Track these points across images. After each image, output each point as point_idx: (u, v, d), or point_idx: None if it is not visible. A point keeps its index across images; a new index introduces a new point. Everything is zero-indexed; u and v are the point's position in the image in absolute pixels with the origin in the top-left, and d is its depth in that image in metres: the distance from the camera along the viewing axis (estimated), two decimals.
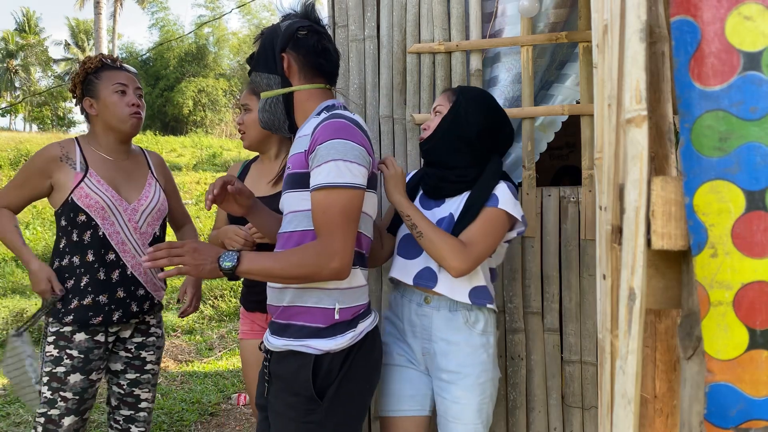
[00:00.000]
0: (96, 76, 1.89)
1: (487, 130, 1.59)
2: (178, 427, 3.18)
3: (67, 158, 1.85)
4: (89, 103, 1.89)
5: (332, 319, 1.35)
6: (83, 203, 1.81)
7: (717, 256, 0.64)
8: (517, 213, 1.55)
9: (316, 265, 1.27)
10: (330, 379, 1.33)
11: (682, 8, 0.65)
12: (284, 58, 1.42)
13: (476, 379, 1.56)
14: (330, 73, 1.48)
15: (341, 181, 1.27)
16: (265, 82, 1.46)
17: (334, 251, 1.27)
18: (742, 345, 0.64)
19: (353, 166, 1.29)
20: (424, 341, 1.61)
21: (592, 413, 1.96)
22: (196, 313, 5.58)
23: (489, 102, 1.63)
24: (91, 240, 1.82)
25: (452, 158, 1.61)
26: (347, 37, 2.12)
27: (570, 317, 1.97)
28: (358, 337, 1.37)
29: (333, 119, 1.32)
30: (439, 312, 1.59)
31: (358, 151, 1.31)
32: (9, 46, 33.86)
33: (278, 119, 1.47)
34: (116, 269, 1.85)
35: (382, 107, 2.07)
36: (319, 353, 1.33)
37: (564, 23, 2.01)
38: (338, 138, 1.29)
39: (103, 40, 16.75)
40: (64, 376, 1.78)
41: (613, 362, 0.72)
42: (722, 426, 0.64)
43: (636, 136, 0.65)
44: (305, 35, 1.43)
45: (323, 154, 1.29)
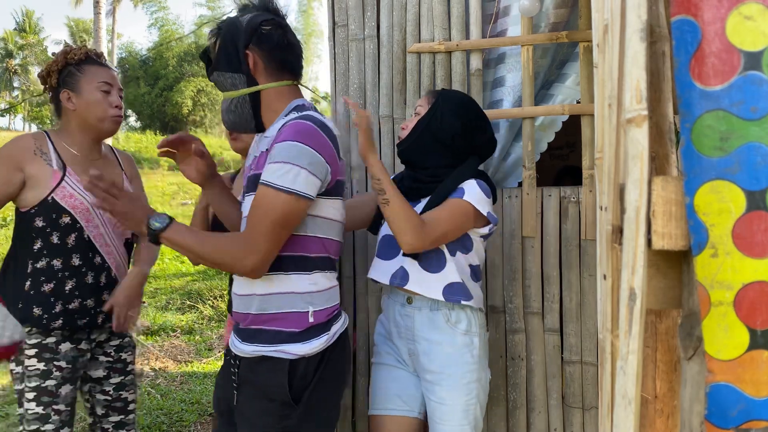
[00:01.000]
0: (78, 69, 1.78)
1: (462, 134, 1.59)
2: (178, 428, 3.17)
3: (41, 152, 1.73)
4: (67, 96, 1.78)
5: (307, 323, 1.32)
6: (67, 204, 1.71)
7: (717, 256, 0.64)
8: (483, 208, 1.54)
9: (233, 257, 1.24)
10: (305, 383, 1.31)
11: (683, 8, 0.65)
12: (249, 55, 1.35)
13: (460, 380, 1.55)
14: (296, 67, 1.41)
15: (285, 185, 1.23)
16: (230, 81, 1.38)
17: (253, 250, 1.24)
18: (742, 345, 0.64)
19: (303, 173, 1.24)
20: (408, 342, 1.61)
21: (592, 414, 1.96)
22: (196, 313, 5.59)
23: (468, 107, 1.63)
24: (76, 243, 1.73)
25: (426, 159, 1.62)
26: (347, 37, 2.11)
27: (570, 317, 1.97)
28: (331, 340, 1.35)
29: (300, 120, 1.28)
30: (421, 312, 1.58)
31: (314, 159, 1.26)
32: (8, 46, 33.85)
33: (245, 120, 1.41)
34: (103, 272, 1.79)
35: (382, 107, 2.07)
36: (294, 358, 1.31)
37: (565, 23, 2.01)
38: (297, 141, 1.24)
39: (102, 39, 16.73)
40: (56, 389, 1.70)
41: (613, 362, 0.72)
42: (723, 426, 0.64)
43: (636, 136, 0.65)
44: (269, 30, 1.35)
45: (277, 153, 1.25)
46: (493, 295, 2.02)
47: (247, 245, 1.24)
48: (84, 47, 1.85)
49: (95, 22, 16.70)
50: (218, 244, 1.27)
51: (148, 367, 4.19)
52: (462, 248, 1.59)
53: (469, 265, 1.62)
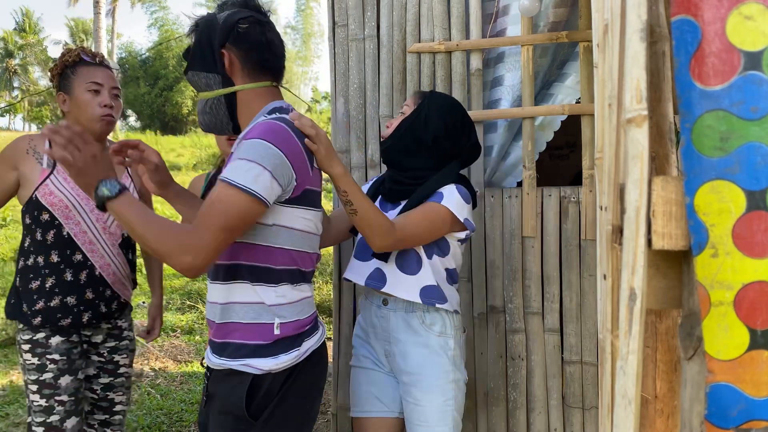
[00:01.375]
0: (72, 71, 1.80)
1: (445, 136, 1.58)
2: (178, 428, 3.17)
3: (34, 151, 1.76)
4: (62, 99, 1.81)
5: (272, 335, 1.24)
6: (47, 201, 1.73)
7: (718, 256, 0.64)
8: (461, 214, 1.52)
9: (171, 248, 1.12)
10: (268, 399, 1.24)
11: (683, 8, 0.65)
12: (224, 54, 1.28)
13: (435, 380, 1.55)
14: (276, 68, 1.33)
15: (241, 183, 1.14)
16: (204, 81, 1.32)
17: (194, 246, 1.12)
18: (742, 345, 0.64)
19: (264, 174, 1.15)
20: (384, 343, 1.62)
21: (592, 414, 1.96)
22: (196, 313, 5.59)
23: (454, 110, 1.61)
24: (55, 240, 1.76)
25: (408, 160, 1.61)
26: (347, 37, 2.11)
27: (570, 317, 1.97)
28: (302, 356, 1.28)
29: (272, 120, 1.21)
30: (396, 313, 1.59)
31: (277, 161, 1.17)
32: (8, 46, 33.86)
33: (221, 122, 1.35)
34: (84, 270, 1.78)
35: (382, 107, 2.07)
36: (259, 373, 1.23)
37: (564, 23, 2.01)
38: (263, 139, 1.16)
39: (102, 39, 16.74)
40: (54, 380, 1.73)
41: (613, 362, 0.72)
42: (723, 426, 0.64)
43: (636, 136, 0.65)
44: (247, 28, 1.28)
45: (243, 150, 1.17)
46: (493, 295, 2.02)
47: (189, 241, 1.13)
48: (78, 49, 1.85)
49: (95, 22, 16.71)
50: (162, 231, 1.14)
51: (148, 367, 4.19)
52: (438, 251, 1.58)
53: (446, 269, 1.61)
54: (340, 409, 2.09)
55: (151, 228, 1.14)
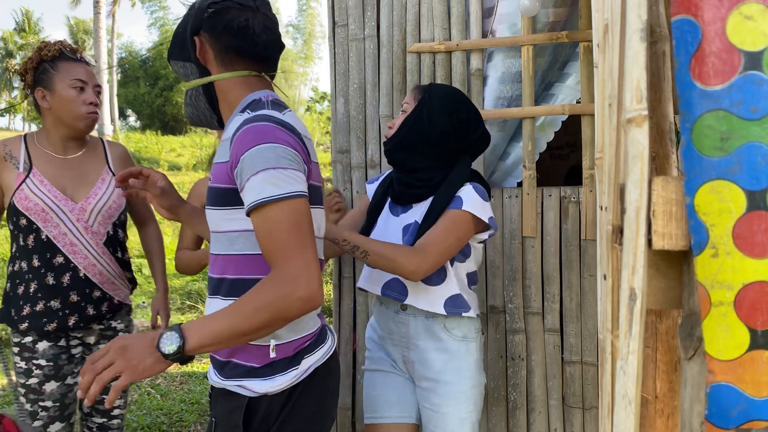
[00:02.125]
0: (52, 66, 1.75)
1: (452, 131, 1.50)
2: (178, 428, 3.17)
3: (10, 157, 1.74)
4: (42, 95, 1.75)
5: (267, 358, 1.14)
6: (22, 206, 1.71)
7: (718, 256, 0.64)
8: (484, 215, 1.48)
9: (278, 301, 0.99)
10: (268, 424, 1.14)
11: (683, 7, 0.65)
12: (196, 42, 1.19)
13: (456, 387, 1.50)
14: (257, 55, 1.21)
15: (278, 192, 1.03)
16: (182, 71, 1.24)
17: (295, 276, 1.00)
18: (743, 345, 0.64)
19: (288, 172, 1.05)
20: (403, 349, 1.56)
21: (592, 414, 1.96)
22: (196, 313, 5.58)
23: (457, 102, 1.52)
24: (35, 244, 1.73)
25: (415, 160, 1.53)
26: (347, 37, 2.11)
27: (570, 317, 1.97)
28: (302, 375, 1.16)
29: (253, 123, 1.08)
30: (416, 319, 1.53)
31: (289, 154, 1.06)
32: (8, 46, 33.86)
33: (203, 114, 1.27)
34: (66, 272, 1.75)
35: (382, 107, 2.07)
36: (254, 395, 1.13)
37: (564, 22, 2.01)
38: (263, 143, 1.05)
39: (102, 39, 16.74)
40: (39, 386, 1.73)
41: (613, 363, 0.72)
42: (723, 426, 0.64)
43: (637, 136, 0.65)
44: (216, 12, 1.17)
45: (250, 165, 1.04)
46: (493, 295, 2.02)
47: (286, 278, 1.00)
48: (58, 43, 1.80)
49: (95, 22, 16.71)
50: (252, 307, 1.00)
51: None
52: (460, 256, 1.53)
53: (467, 274, 1.56)
54: (341, 409, 2.09)
55: (240, 317, 1.00)
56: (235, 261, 1.15)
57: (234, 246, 1.14)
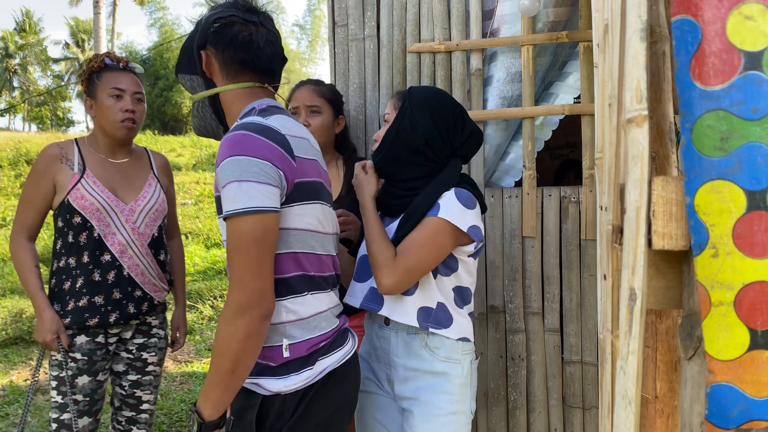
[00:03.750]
0: (97, 76, 1.87)
1: (437, 135, 1.40)
2: (178, 428, 3.17)
3: (66, 159, 1.85)
4: (89, 104, 1.89)
5: (281, 358, 1.16)
6: (78, 205, 1.80)
7: (718, 256, 0.64)
8: (463, 223, 1.35)
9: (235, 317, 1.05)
10: (281, 423, 1.16)
11: (683, 8, 0.65)
12: (202, 55, 1.25)
13: (436, 410, 1.38)
14: (260, 68, 1.26)
15: (241, 207, 1.07)
16: (189, 84, 1.30)
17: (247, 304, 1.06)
18: (743, 345, 0.64)
19: (252, 186, 1.07)
20: (385, 366, 1.47)
21: (592, 414, 1.96)
22: (196, 313, 5.59)
23: (439, 103, 1.43)
24: (87, 241, 1.81)
25: (403, 171, 1.44)
26: (347, 37, 2.11)
27: (571, 317, 1.97)
28: (317, 376, 1.18)
29: (234, 131, 1.12)
30: (398, 334, 1.43)
31: (256, 167, 1.08)
32: (8, 46, 33.86)
33: (209, 125, 1.32)
34: (112, 270, 1.84)
35: (382, 107, 2.07)
36: (267, 394, 1.16)
37: (564, 22, 2.01)
38: (234, 155, 1.08)
39: (102, 39, 16.75)
40: (72, 379, 1.78)
41: (613, 362, 0.72)
42: (723, 426, 0.64)
43: (637, 136, 0.65)
44: (221, 27, 1.24)
45: (221, 177, 1.10)
46: (493, 295, 2.02)
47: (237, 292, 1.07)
48: (104, 54, 1.91)
49: (95, 22, 16.72)
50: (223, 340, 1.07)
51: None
52: (444, 269, 1.41)
53: (454, 288, 1.43)
54: None
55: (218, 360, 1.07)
56: None
57: None
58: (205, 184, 11.96)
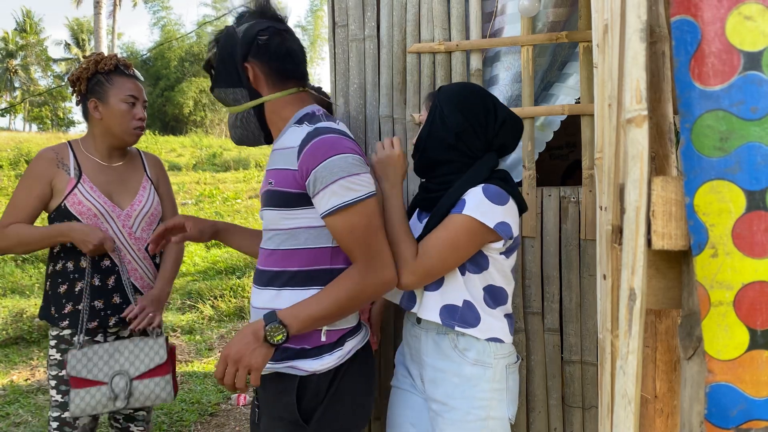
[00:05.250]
0: (107, 79, 1.85)
1: (469, 128, 1.38)
2: (178, 428, 3.17)
3: (62, 163, 1.84)
4: (95, 105, 1.85)
5: (318, 341, 1.28)
6: (76, 210, 1.79)
7: (717, 256, 0.64)
8: (490, 219, 1.30)
9: (366, 288, 1.21)
10: (317, 401, 1.27)
11: (683, 8, 0.65)
12: (248, 68, 1.31)
13: (464, 416, 1.34)
14: (300, 73, 1.37)
15: (354, 196, 1.20)
16: (232, 97, 1.35)
17: (380, 266, 1.22)
18: (742, 345, 0.64)
19: (360, 177, 1.22)
20: (418, 366, 1.47)
21: (592, 413, 1.96)
22: (196, 313, 5.58)
23: (468, 96, 1.41)
24: None
25: (441, 169, 1.43)
26: (347, 37, 2.12)
27: (570, 317, 1.97)
28: (346, 356, 1.30)
29: (320, 136, 1.23)
30: (428, 334, 1.42)
31: (357, 161, 1.23)
32: (9, 46, 33.87)
33: (252, 133, 1.39)
34: (112, 275, 1.84)
35: (382, 107, 2.07)
36: (304, 374, 1.26)
37: (564, 23, 2.01)
38: (334, 155, 1.21)
39: (102, 39, 16.76)
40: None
41: (613, 362, 0.72)
42: (723, 426, 0.64)
43: (636, 136, 0.65)
44: (267, 39, 1.31)
45: (324, 176, 1.20)
46: None
47: (370, 268, 1.22)
48: (114, 57, 1.90)
49: (95, 22, 16.73)
50: (343, 294, 1.21)
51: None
52: (474, 266, 1.36)
53: (485, 288, 1.38)
54: None
55: (331, 303, 1.21)
56: (302, 254, 1.28)
57: (298, 240, 1.28)
58: (205, 184, 11.96)
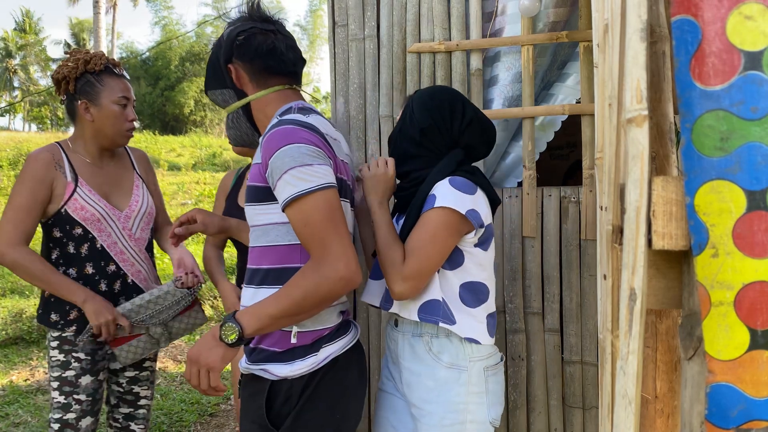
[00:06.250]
0: (98, 80, 1.80)
1: (434, 125, 1.41)
2: (178, 428, 3.17)
3: (59, 165, 1.78)
4: (85, 107, 1.80)
5: (288, 344, 1.24)
6: (79, 216, 1.76)
7: (718, 256, 0.64)
8: (461, 207, 1.29)
9: (321, 284, 1.12)
10: (288, 407, 1.23)
11: (683, 8, 0.65)
12: (231, 69, 1.34)
13: (440, 420, 1.32)
14: (286, 72, 1.36)
15: (306, 187, 1.14)
16: (221, 98, 1.39)
17: (333, 260, 1.13)
18: (743, 345, 0.64)
19: (314, 168, 1.16)
20: (398, 369, 1.45)
21: (592, 414, 1.96)
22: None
23: (439, 97, 1.44)
24: (89, 252, 1.79)
25: (409, 164, 1.45)
26: (347, 37, 2.11)
27: (571, 317, 1.97)
28: (321, 362, 1.24)
29: (278, 127, 1.20)
30: (404, 336, 1.41)
31: (312, 151, 1.17)
32: (8, 46, 33.87)
33: (245, 133, 1.41)
34: (117, 280, 1.83)
35: (382, 107, 2.07)
36: (275, 379, 1.24)
37: (564, 22, 2.01)
38: (286, 144, 1.16)
39: (102, 39, 16.75)
40: (75, 379, 1.77)
41: (613, 362, 0.72)
42: (723, 426, 0.64)
43: (637, 136, 0.65)
44: (245, 40, 1.32)
45: (278, 166, 1.16)
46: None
47: (325, 262, 1.13)
48: (104, 56, 1.85)
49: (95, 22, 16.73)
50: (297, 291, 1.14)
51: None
52: (448, 263, 1.35)
53: (462, 285, 1.36)
54: None
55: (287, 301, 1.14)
56: (273, 251, 1.25)
57: (269, 237, 1.25)
58: (205, 184, 11.96)
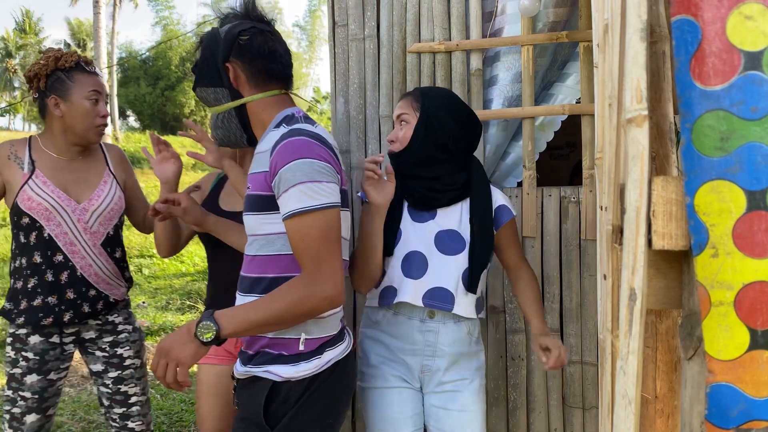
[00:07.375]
0: (68, 76, 1.80)
1: (462, 132, 1.54)
2: (178, 428, 3.17)
3: (15, 157, 1.81)
4: (55, 102, 1.81)
5: (296, 349, 1.26)
6: (25, 206, 1.78)
7: (718, 256, 0.64)
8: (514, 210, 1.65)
9: (307, 299, 1.15)
10: (286, 408, 1.24)
11: (683, 8, 0.65)
12: (229, 68, 1.30)
13: (478, 385, 1.59)
14: (283, 75, 1.35)
15: (313, 203, 1.16)
16: (213, 96, 1.34)
17: (323, 279, 1.15)
18: (743, 345, 0.64)
19: (323, 185, 1.18)
20: (426, 357, 1.55)
21: (592, 414, 1.96)
22: (196, 313, 5.58)
23: (457, 103, 1.56)
24: (37, 241, 1.80)
25: (433, 169, 1.53)
26: (347, 37, 2.11)
27: (571, 318, 1.97)
28: (323, 366, 1.27)
29: (292, 137, 1.20)
30: (446, 326, 1.54)
31: (324, 168, 1.19)
32: (8, 46, 33.88)
33: (234, 134, 1.37)
34: (65, 270, 1.82)
35: (382, 107, 2.07)
36: (279, 380, 1.25)
37: (564, 22, 2.01)
38: (300, 158, 1.17)
39: (102, 39, 16.75)
40: (21, 377, 1.80)
41: (613, 363, 0.72)
42: (723, 426, 0.64)
43: (637, 136, 0.65)
44: (248, 39, 1.30)
45: (288, 178, 1.17)
46: (493, 295, 2.02)
47: (315, 279, 1.16)
48: (75, 54, 1.86)
49: (94, 22, 16.73)
50: (283, 302, 1.15)
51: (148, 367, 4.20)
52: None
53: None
54: None
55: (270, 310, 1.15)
56: (278, 260, 1.26)
57: (273, 246, 1.26)
58: None
